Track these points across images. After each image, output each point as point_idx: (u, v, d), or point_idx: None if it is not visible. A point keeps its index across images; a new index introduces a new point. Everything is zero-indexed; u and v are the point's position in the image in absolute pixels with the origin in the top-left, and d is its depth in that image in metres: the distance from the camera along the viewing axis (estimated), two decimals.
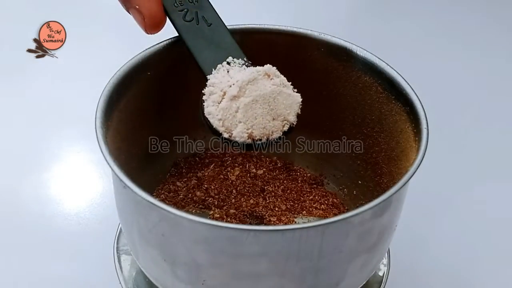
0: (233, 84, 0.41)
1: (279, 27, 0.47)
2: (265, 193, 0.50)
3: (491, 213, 0.58)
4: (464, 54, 0.75)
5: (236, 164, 0.52)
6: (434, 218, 0.57)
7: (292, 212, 0.49)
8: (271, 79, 0.41)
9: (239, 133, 0.40)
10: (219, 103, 0.41)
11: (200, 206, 0.49)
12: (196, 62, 0.43)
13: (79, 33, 0.68)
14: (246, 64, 0.43)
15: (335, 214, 0.50)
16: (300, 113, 0.42)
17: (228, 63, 0.42)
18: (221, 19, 0.44)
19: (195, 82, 0.46)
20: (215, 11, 0.44)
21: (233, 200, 0.49)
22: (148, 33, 0.43)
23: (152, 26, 0.42)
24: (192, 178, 0.51)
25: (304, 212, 0.50)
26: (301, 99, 0.42)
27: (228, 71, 0.42)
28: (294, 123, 0.42)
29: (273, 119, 0.41)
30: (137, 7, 0.41)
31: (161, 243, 0.38)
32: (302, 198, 0.50)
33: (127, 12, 0.43)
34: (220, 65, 0.42)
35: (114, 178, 0.41)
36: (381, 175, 0.47)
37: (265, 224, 0.48)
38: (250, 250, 0.36)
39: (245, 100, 0.40)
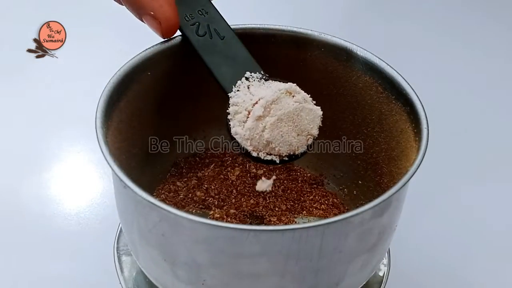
0: (257, 103, 0.41)
1: (279, 27, 0.47)
2: (265, 193, 0.50)
3: (491, 213, 0.58)
4: (464, 54, 0.75)
5: (236, 164, 0.52)
6: (434, 218, 0.56)
7: (292, 212, 0.49)
8: (293, 96, 0.42)
9: (267, 153, 0.42)
10: (244, 123, 0.41)
11: (200, 206, 0.49)
12: (216, 79, 0.43)
13: (79, 33, 0.68)
14: (264, 77, 0.43)
15: (335, 214, 0.50)
16: (321, 125, 0.43)
17: (247, 79, 0.43)
18: (232, 30, 0.44)
19: (196, 82, 0.46)
20: (225, 22, 0.44)
21: (233, 200, 0.49)
22: (164, 38, 0.43)
23: (169, 30, 0.42)
24: (192, 178, 0.51)
25: (304, 212, 0.50)
26: (321, 112, 0.43)
27: (248, 87, 0.42)
28: (316, 136, 0.43)
29: (298, 134, 0.42)
30: (152, 13, 0.41)
31: (161, 243, 0.38)
32: (302, 198, 0.50)
33: (139, 20, 0.43)
34: (240, 81, 0.42)
35: (114, 178, 0.41)
36: (381, 175, 0.47)
37: (265, 224, 0.48)
38: (250, 250, 0.36)
39: (270, 120, 0.41)
